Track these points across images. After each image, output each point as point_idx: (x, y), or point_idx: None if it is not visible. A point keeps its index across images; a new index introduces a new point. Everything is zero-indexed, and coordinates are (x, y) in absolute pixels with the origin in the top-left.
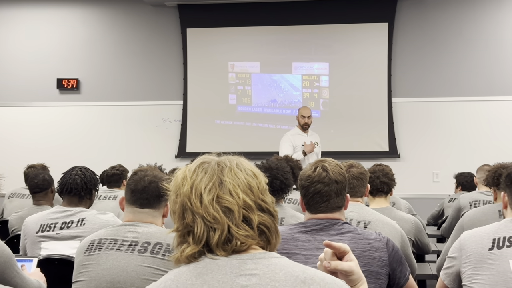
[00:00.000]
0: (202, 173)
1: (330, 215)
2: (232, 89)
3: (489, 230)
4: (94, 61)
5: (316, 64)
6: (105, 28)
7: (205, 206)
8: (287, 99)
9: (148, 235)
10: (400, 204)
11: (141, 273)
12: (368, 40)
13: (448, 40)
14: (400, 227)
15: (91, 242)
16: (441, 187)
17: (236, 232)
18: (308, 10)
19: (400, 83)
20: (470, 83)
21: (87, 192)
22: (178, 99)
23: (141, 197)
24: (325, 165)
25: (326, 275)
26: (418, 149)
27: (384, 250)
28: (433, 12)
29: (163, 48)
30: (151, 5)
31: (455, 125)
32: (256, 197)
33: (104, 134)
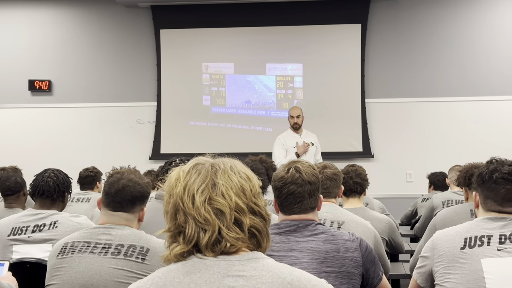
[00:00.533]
0: (195, 174)
1: (304, 216)
2: (206, 90)
3: (461, 229)
4: (66, 62)
5: (290, 65)
6: (78, 28)
7: (197, 207)
8: (261, 100)
9: (122, 238)
10: (374, 204)
11: (114, 276)
12: (342, 41)
13: (421, 40)
14: (373, 227)
15: (64, 245)
16: (414, 187)
17: (226, 234)
18: (282, 11)
19: (373, 84)
20: (443, 83)
21: (60, 194)
22: (152, 100)
23: (114, 200)
24: (298, 166)
25: (313, 277)
26: (392, 150)
27: (357, 251)
28: (406, 12)
29: (137, 49)
30: (124, 5)
31: (428, 125)
32: (248, 200)
33: (77, 136)
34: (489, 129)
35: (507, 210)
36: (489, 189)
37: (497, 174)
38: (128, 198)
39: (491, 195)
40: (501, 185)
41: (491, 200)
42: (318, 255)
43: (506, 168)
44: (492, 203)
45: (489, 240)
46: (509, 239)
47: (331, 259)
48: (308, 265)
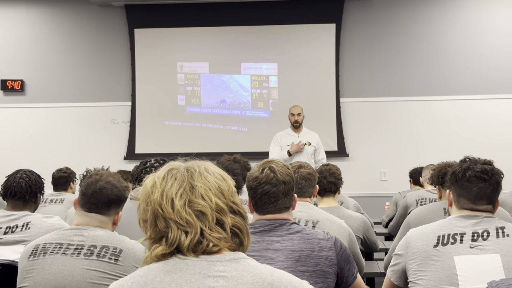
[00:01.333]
0: (171, 179)
1: (278, 215)
2: (181, 89)
3: (434, 227)
4: (39, 62)
5: (265, 65)
6: (51, 28)
7: (178, 211)
8: (236, 100)
9: (95, 239)
10: (348, 203)
11: (87, 277)
12: (316, 40)
13: (395, 40)
14: (347, 226)
15: (35, 246)
16: (389, 186)
17: (209, 235)
18: (257, 11)
19: (348, 83)
20: (417, 83)
21: (32, 195)
22: (126, 100)
23: (90, 201)
24: (273, 166)
25: (294, 278)
26: (366, 149)
27: (332, 250)
28: (380, 12)
29: (111, 48)
30: (97, 5)
31: (402, 124)
32: (227, 200)
33: (50, 136)
34: (463, 128)
35: (479, 208)
36: (462, 187)
37: (470, 173)
38: (104, 200)
39: (464, 193)
40: (473, 183)
41: (464, 198)
42: (293, 254)
43: (479, 167)
44: (465, 201)
45: (461, 237)
46: (481, 237)
47: (306, 258)
48: (283, 265)
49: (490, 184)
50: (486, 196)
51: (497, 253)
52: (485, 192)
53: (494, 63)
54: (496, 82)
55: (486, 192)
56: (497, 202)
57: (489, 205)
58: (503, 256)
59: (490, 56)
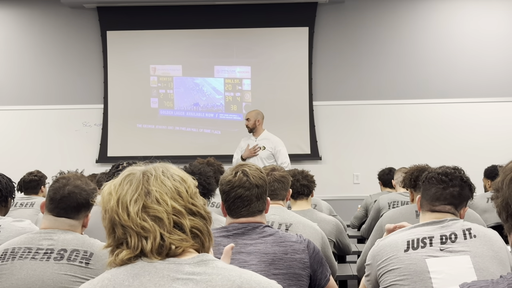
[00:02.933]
0: (127, 185)
1: (252, 219)
2: (154, 92)
3: (402, 234)
4: (10, 64)
5: (238, 68)
6: (22, 29)
7: (132, 218)
8: (209, 103)
9: (65, 242)
10: (322, 205)
11: (58, 281)
12: (289, 43)
13: (367, 43)
14: (320, 229)
15: (4, 251)
16: (361, 188)
17: (169, 238)
18: (230, 14)
19: (321, 86)
20: (388, 86)
21: (3, 199)
22: (98, 102)
23: (59, 206)
24: (246, 169)
25: (263, 279)
26: (339, 152)
27: (305, 252)
28: (353, 16)
29: (83, 50)
30: (69, 6)
31: (374, 127)
32: (185, 202)
33: (21, 139)
34: (432, 131)
35: (436, 209)
36: (424, 188)
37: (430, 174)
38: (73, 205)
39: (424, 194)
40: (432, 184)
41: (424, 199)
42: (266, 257)
43: (441, 170)
44: (425, 203)
45: (431, 241)
46: (449, 239)
47: (279, 261)
48: (256, 268)
49: (448, 186)
50: (444, 197)
51: (467, 255)
52: (441, 193)
53: (463, 67)
54: (465, 86)
55: (443, 193)
56: (462, 205)
57: (448, 206)
58: (473, 257)
59: (460, 60)
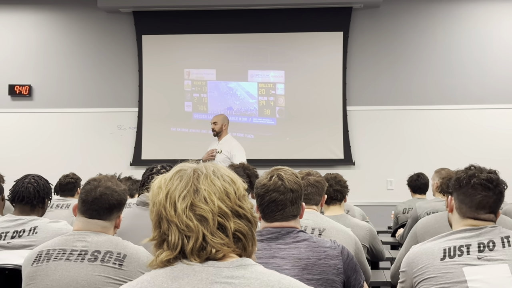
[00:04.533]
0: (177, 180)
1: (286, 223)
2: (188, 96)
3: (438, 241)
4: (47, 67)
5: (272, 72)
6: (59, 34)
7: (179, 214)
8: (243, 107)
9: (98, 244)
10: (354, 211)
11: (91, 282)
12: (323, 48)
13: (402, 49)
14: (354, 234)
15: (39, 253)
16: (395, 195)
17: (211, 240)
18: (264, 18)
19: (355, 91)
20: (423, 92)
21: (40, 200)
22: (133, 106)
23: (91, 208)
24: (281, 173)
25: (301, 284)
26: (373, 157)
27: (339, 258)
28: (387, 21)
29: (118, 54)
30: (105, 11)
31: (409, 133)
32: (233, 203)
33: (57, 142)
34: (469, 137)
35: (481, 217)
36: (465, 194)
37: (475, 180)
38: (105, 206)
39: (466, 200)
40: (477, 190)
41: (466, 206)
42: (300, 262)
43: (485, 175)
44: (467, 209)
45: (468, 249)
46: (487, 247)
47: (312, 267)
48: (290, 273)
49: (494, 194)
50: (489, 205)
51: (505, 263)
52: (487, 201)
53: (500, 73)
54: (502, 92)
55: (489, 202)
56: (498, 212)
57: (491, 214)
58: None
59: (496, 66)
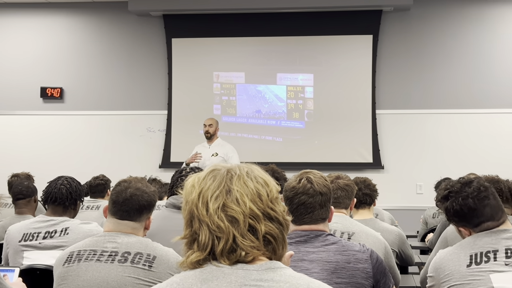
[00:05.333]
0: (210, 180)
1: (314, 226)
2: (217, 99)
3: (464, 247)
4: (78, 70)
5: (301, 75)
6: (90, 37)
7: (211, 214)
8: (271, 110)
9: (128, 245)
10: (383, 215)
11: (122, 283)
12: (353, 51)
13: (432, 52)
14: (383, 239)
15: (70, 253)
16: (425, 199)
17: (241, 242)
18: (293, 21)
19: (384, 95)
20: (453, 95)
21: (72, 202)
22: (162, 108)
23: (122, 209)
24: (310, 176)
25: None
26: (402, 161)
27: (368, 262)
28: (417, 24)
29: (148, 57)
30: (136, 14)
31: (438, 137)
32: (265, 206)
33: (88, 144)
34: (498, 141)
35: (500, 221)
36: (468, 222)
37: (460, 201)
38: (135, 207)
39: (471, 225)
40: (481, 205)
41: (478, 228)
42: (329, 265)
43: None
44: (481, 226)
45: (495, 255)
46: None
47: (341, 270)
48: (319, 276)
49: (489, 199)
50: (496, 211)
51: None
52: (491, 209)
53: None
54: None
55: (493, 208)
56: (500, 208)
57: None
58: None
59: None
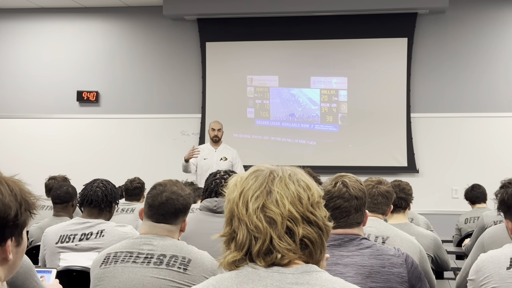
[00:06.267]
0: (252, 180)
1: (349, 230)
2: (250, 102)
3: (506, 250)
4: (113, 74)
5: (335, 79)
6: (125, 41)
7: (250, 214)
8: (305, 113)
9: (164, 248)
10: (419, 219)
11: (157, 286)
12: (387, 54)
13: (468, 55)
14: (419, 243)
15: (107, 255)
16: (460, 203)
17: (277, 244)
18: (327, 24)
19: (419, 98)
20: (490, 99)
21: (107, 204)
22: (196, 112)
23: (158, 212)
24: (345, 180)
25: None
26: (437, 165)
27: (403, 266)
28: (453, 27)
29: (182, 61)
30: (170, 19)
31: (474, 140)
32: (304, 209)
33: (122, 147)
34: None
35: None
36: None
37: None
38: (171, 211)
39: None
40: None
41: None
42: (363, 270)
43: None
44: None
45: None
46: None
47: (376, 274)
48: (353, 280)
49: None
50: None
51: None
52: None
53: None
54: None
55: None
56: None
57: None
58: None
59: None
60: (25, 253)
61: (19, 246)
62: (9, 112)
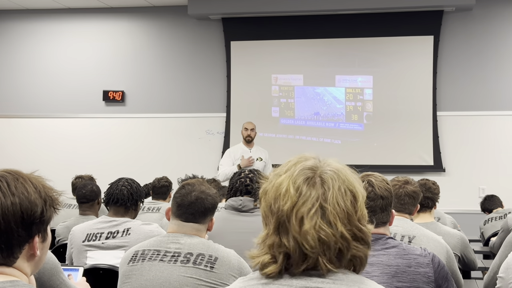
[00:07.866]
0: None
1: (375, 230)
2: (275, 101)
3: None
4: (139, 74)
5: (360, 77)
6: (151, 40)
7: (305, 232)
8: (330, 112)
9: (191, 246)
10: (445, 219)
11: (183, 284)
12: (413, 53)
13: (494, 53)
14: (445, 242)
15: (135, 252)
16: None
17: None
18: (352, 23)
19: (445, 96)
20: None
21: (133, 203)
22: (221, 111)
23: (187, 212)
24: (371, 180)
25: None
26: (464, 164)
27: (429, 266)
28: (480, 24)
29: (207, 60)
30: (195, 18)
31: (501, 139)
32: (352, 226)
33: (148, 146)
34: None
35: None
36: None
37: None
38: (201, 210)
39: None
40: None
41: None
42: (389, 269)
43: None
44: None
45: None
46: None
47: (402, 274)
48: (379, 280)
49: None
50: None
51: None
52: None
53: None
54: None
55: None
56: None
57: None
58: None
59: None
60: (52, 251)
61: (45, 241)
62: (36, 112)
